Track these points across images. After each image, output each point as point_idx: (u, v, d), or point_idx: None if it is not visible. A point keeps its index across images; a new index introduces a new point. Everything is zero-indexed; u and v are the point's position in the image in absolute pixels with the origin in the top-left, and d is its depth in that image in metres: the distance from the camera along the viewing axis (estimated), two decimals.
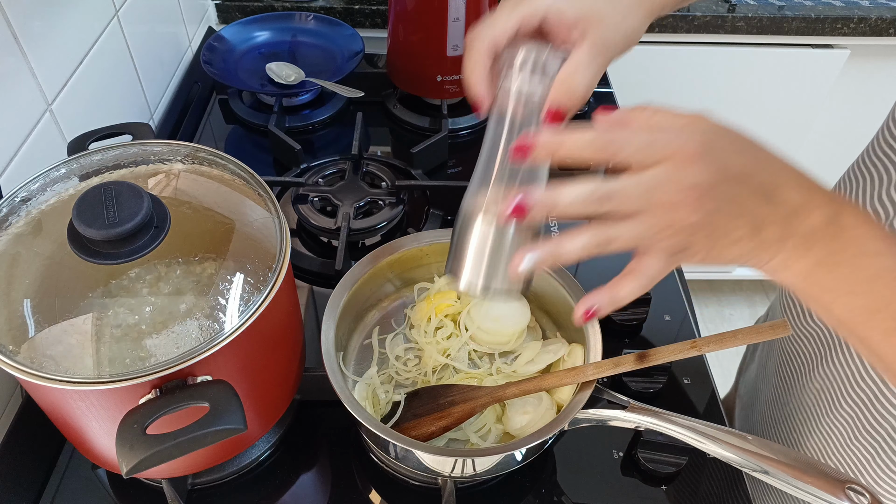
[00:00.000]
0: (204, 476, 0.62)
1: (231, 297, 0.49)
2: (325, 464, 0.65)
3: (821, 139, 1.52)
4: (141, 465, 0.42)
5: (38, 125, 0.70)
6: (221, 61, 1.05)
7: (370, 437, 0.60)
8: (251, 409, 0.52)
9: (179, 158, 0.58)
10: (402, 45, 1.02)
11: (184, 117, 1.02)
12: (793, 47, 1.34)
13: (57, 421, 0.53)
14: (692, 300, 0.83)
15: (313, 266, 0.81)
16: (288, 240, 0.53)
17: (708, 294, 2.00)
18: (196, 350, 0.46)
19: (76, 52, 0.78)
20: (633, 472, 0.64)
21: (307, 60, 1.07)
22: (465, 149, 1.02)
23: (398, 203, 0.85)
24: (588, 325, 0.61)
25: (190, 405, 0.44)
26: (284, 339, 0.58)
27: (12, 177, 0.66)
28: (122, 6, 0.88)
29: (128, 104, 0.92)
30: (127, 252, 0.47)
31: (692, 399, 0.71)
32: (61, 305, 0.47)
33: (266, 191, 0.56)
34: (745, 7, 1.28)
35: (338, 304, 0.62)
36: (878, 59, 1.37)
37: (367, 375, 0.64)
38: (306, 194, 0.85)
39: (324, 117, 1.04)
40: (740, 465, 0.50)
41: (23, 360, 0.46)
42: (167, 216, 0.50)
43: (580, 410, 0.55)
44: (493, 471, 0.59)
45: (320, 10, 1.21)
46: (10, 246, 0.50)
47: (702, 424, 0.53)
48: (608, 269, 0.84)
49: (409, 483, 0.64)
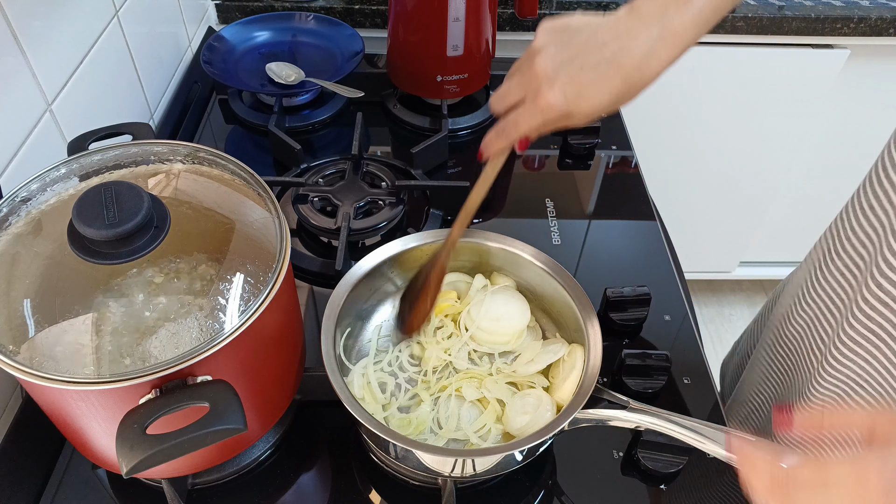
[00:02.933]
0: (204, 476, 0.62)
1: (231, 297, 0.49)
2: (325, 464, 0.65)
3: (821, 139, 1.51)
4: (141, 465, 0.42)
5: (38, 125, 0.70)
6: (221, 61, 1.05)
7: (370, 437, 0.60)
8: (251, 409, 0.52)
9: (179, 158, 0.58)
10: (402, 45, 1.02)
11: (184, 117, 1.02)
12: (793, 47, 1.34)
13: (57, 421, 0.53)
14: (692, 300, 0.83)
15: (313, 266, 0.81)
16: (288, 240, 0.53)
17: (708, 294, 2.00)
18: (196, 350, 0.46)
19: (76, 52, 0.78)
20: (633, 472, 0.64)
21: (307, 60, 1.07)
22: (465, 149, 1.02)
23: (398, 203, 0.85)
24: (588, 325, 0.61)
25: (190, 405, 0.44)
26: (284, 339, 0.58)
27: (12, 177, 0.66)
28: (122, 6, 0.88)
29: (128, 104, 0.92)
30: (127, 252, 0.47)
31: (692, 399, 0.71)
32: (61, 305, 0.47)
33: (266, 191, 0.56)
34: (745, 7, 1.28)
35: (338, 304, 0.62)
36: (878, 59, 1.37)
37: (361, 364, 0.65)
38: (306, 194, 0.85)
39: (324, 117, 1.04)
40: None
41: (23, 360, 0.46)
42: (167, 216, 0.50)
43: (580, 410, 0.55)
44: (493, 471, 0.59)
45: (320, 10, 1.21)
46: (10, 246, 0.50)
47: (702, 424, 0.53)
48: (609, 268, 0.84)
49: (409, 483, 0.64)
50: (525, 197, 0.94)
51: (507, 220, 0.90)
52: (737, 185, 1.59)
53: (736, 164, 1.54)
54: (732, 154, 1.52)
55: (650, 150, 1.43)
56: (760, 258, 1.81)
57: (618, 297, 0.75)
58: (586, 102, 0.51)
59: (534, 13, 1.05)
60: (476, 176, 0.61)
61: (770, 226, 1.70)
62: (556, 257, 0.66)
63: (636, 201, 0.94)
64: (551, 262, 0.66)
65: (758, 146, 1.50)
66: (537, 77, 0.52)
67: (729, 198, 1.62)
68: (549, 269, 0.66)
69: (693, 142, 1.49)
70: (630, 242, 0.88)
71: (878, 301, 0.57)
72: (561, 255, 0.83)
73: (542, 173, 1.00)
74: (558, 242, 0.87)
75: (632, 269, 0.84)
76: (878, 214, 0.58)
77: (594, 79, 0.51)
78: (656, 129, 1.45)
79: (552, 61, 0.52)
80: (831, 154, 1.55)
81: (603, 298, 0.76)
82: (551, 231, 0.88)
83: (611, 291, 0.76)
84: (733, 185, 1.59)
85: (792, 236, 1.74)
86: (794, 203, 1.66)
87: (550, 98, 0.52)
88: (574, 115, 0.52)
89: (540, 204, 0.92)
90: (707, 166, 1.54)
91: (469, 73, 1.02)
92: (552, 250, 0.85)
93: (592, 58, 0.51)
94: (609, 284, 0.77)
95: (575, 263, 0.85)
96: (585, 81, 0.51)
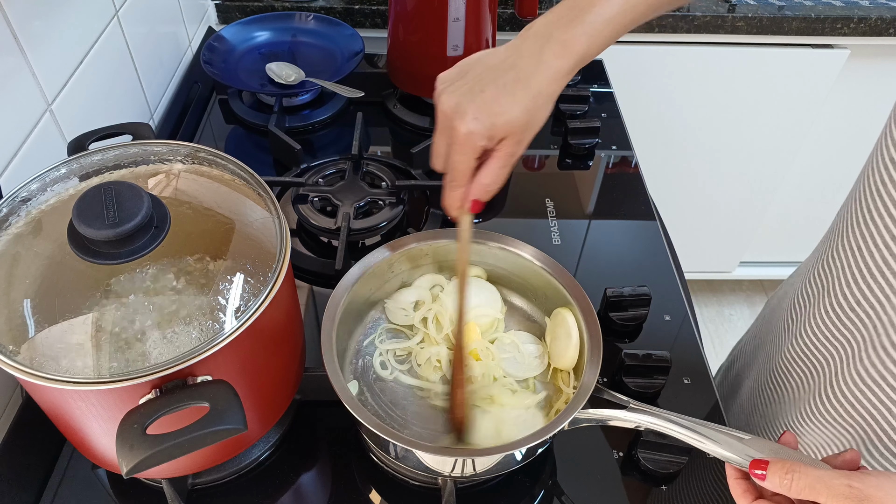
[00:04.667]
0: (204, 476, 0.62)
1: (231, 297, 0.49)
2: (325, 464, 0.65)
3: (821, 139, 1.52)
4: (141, 465, 0.42)
5: (38, 125, 0.70)
6: (221, 61, 1.05)
7: (370, 437, 0.60)
8: (251, 409, 0.52)
9: (179, 158, 0.58)
10: (402, 45, 1.02)
11: (184, 117, 1.02)
12: (793, 47, 1.34)
13: (57, 421, 0.53)
14: (692, 300, 0.83)
15: (313, 266, 0.81)
16: (288, 240, 0.53)
17: (708, 294, 2.00)
18: (196, 350, 0.46)
19: (76, 52, 0.78)
20: (633, 472, 0.64)
21: (307, 60, 1.07)
22: None
23: (398, 203, 0.85)
24: (588, 325, 0.61)
25: (190, 405, 0.44)
26: (284, 339, 0.58)
27: (12, 177, 0.66)
28: (122, 6, 0.88)
29: (128, 104, 0.92)
30: (127, 252, 0.47)
31: (692, 399, 0.71)
32: (61, 305, 0.47)
33: (266, 191, 0.56)
34: (745, 7, 1.28)
35: (338, 304, 0.62)
36: (878, 59, 1.37)
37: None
38: (306, 194, 0.85)
39: (324, 117, 1.04)
40: (740, 465, 0.50)
41: (23, 360, 0.46)
42: (167, 216, 0.50)
43: (580, 410, 0.55)
44: (493, 471, 0.59)
45: (320, 10, 1.21)
46: (10, 246, 0.50)
47: (702, 424, 0.53)
48: (609, 268, 0.84)
49: (409, 483, 0.64)
50: (525, 197, 0.94)
51: (507, 220, 0.90)
52: (737, 185, 1.59)
53: (736, 164, 1.54)
54: (732, 154, 1.52)
55: (650, 150, 1.43)
56: (760, 258, 1.81)
57: (618, 297, 0.75)
58: (500, 118, 0.53)
59: (534, 13, 1.05)
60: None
61: (770, 226, 1.70)
62: (556, 257, 0.66)
63: (636, 201, 0.94)
64: (551, 262, 0.66)
65: (758, 146, 1.50)
66: (448, 116, 0.54)
67: (729, 198, 1.62)
68: (550, 269, 0.66)
69: (693, 142, 1.49)
70: (630, 242, 0.88)
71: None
72: (561, 255, 0.83)
73: (542, 173, 1.00)
74: (558, 242, 0.87)
75: (632, 269, 0.84)
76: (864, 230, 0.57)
77: (497, 96, 0.53)
78: (656, 129, 1.45)
79: (454, 97, 0.54)
80: (831, 154, 1.55)
81: (603, 298, 0.76)
82: (551, 231, 0.88)
83: (611, 291, 0.76)
84: (733, 185, 1.59)
85: (792, 236, 1.74)
86: (794, 203, 1.66)
87: (464, 128, 0.53)
88: (496, 134, 0.54)
89: (540, 204, 0.92)
90: (707, 166, 1.54)
91: None
92: (552, 250, 0.85)
93: (489, 81, 0.54)
94: (609, 284, 0.77)
95: (575, 263, 0.85)
96: (490, 100, 0.53)
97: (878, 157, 0.55)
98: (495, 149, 0.55)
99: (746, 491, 0.49)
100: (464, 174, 0.56)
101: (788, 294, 0.73)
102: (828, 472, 0.44)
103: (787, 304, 0.72)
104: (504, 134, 0.54)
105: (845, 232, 0.60)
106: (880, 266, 0.55)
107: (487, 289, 0.70)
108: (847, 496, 0.43)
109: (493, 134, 0.54)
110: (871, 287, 0.56)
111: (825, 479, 0.44)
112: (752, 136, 1.48)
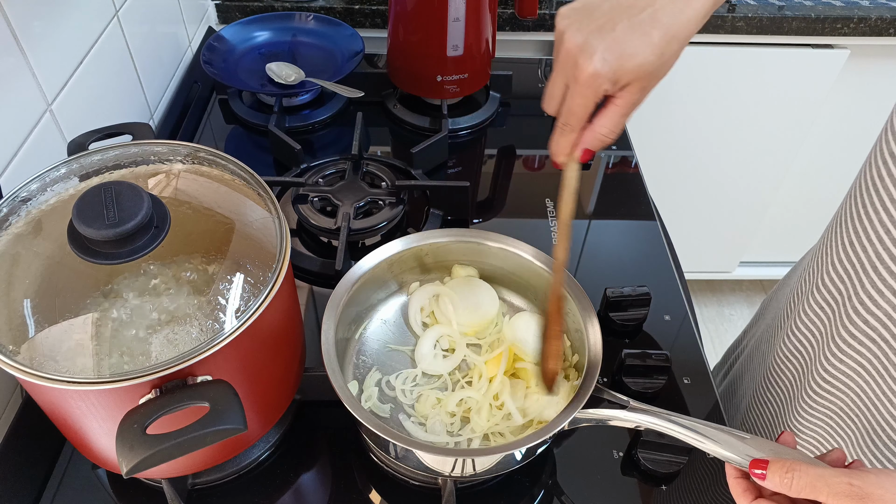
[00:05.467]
0: (204, 476, 0.62)
1: (231, 297, 0.49)
2: (325, 464, 0.65)
3: (821, 139, 1.51)
4: (141, 465, 0.42)
5: (38, 125, 0.70)
6: (221, 61, 1.05)
7: (370, 436, 0.60)
8: (251, 409, 0.52)
9: (179, 158, 0.58)
10: (402, 45, 1.02)
11: (184, 117, 1.02)
12: (793, 47, 1.34)
13: (57, 421, 0.53)
14: (692, 300, 0.83)
15: (313, 266, 0.81)
16: (288, 240, 0.53)
17: (708, 294, 2.00)
18: (196, 350, 0.46)
19: (76, 52, 0.78)
20: (633, 472, 0.64)
21: (307, 60, 1.07)
22: (465, 149, 1.02)
23: (398, 203, 0.85)
24: (588, 325, 0.61)
25: (190, 405, 0.44)
26: (284, 339, 0.58)
27: (12, 177, 0.66)
28: (122, 6, 0.88)
29: (128, 104, 0.92)
30: (127, 252, 0.47)
31: (692, 399, 0.71)
32: (61, 305, 0.47)
33: (266, 191, 0.56)
34: (745, 7, 1.28)
35: (338, 304, 0.62)
36: (878, 59, 1.37)
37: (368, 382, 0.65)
38: (306, 194, 0.85)
39: (324, 117, 1.04)
40: (740, 465, 0.50)
41: (23, 360, 0.46)
42: (167, 216, 0.50)
43: (580, 410, 0.55)
44: (493, 471, 0.59)
45: (320, 10, 1.21)
46: (10, 246, 0.50)
47: (702, 424, 0.53)
48: (609, 268, 0.84)
49: (409, 483, 0.64)
50: (525, 197, 0.94)
51: (507, 220, 0.90)
52: (737, 185, 1.59)
53: (736, 164, 1.54)
54: (732, 154, 1.52)
55: (650, 150, 1.43)
56: (760, 258, 1.81)
57: (618, 297, 0.75)
58: (631, 60, 0.49)
59: (534, 13, 1.06)
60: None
61: (770, 226, 1.70)
62: None
63: (636, 201, 0.94)
64: (552, 262, 0.66)
65: (758, 146, 1.50)
66: (571, 54, 0.50)
67: (729, 198, 1.62)
68: (550, 269, 0.66)
69: (693, 142, 1.49)
70: (630, 242, 0.88)
71: (869, 314, 0.56)
72: None
73: (542, 173, 1.00)
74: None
75: (632, 269, 0.84)
76: (862, 240, 0.57)
77: (630, 37, 0.48)
78: (656, 129, 1.45)
79: (581, 35, 0.49)
80: (831, 154, 1.55)
81: (603, 298, 0.76)
82: (551, 231, 0.88)
83: (611, 291, 0.76)
84: (733, 185, 1.59)
85: (792, 236, 1.74)
86: (793, 203, 1.66)
87: (591, 68, 0.49)
88: (623, 78, 0.50)
89: (540, 204, 0.92)
90: (707, 166, 1.54)
91: (469, 73, 1.02)
92: (552, 250, 0.85)
93: (623, 21, 0.49)
94: (609, 284, 0.77)
95: (575, 263, 0.85)
96: (622, 41, 0.48)
97: (876, 154, 0.55)
98: (616, 95, 0.51)
99: (746, 490, 0.50)
100: (580, 119, 0.52)
101: (784, 292, 0.73)
102: (828, 471, 0.44)
103: (783, 303, 0.72)
104: (630, 79, 0.50)
105: (840, 227, 0.60)
106: (873, 261, 0.55)
107: (484, 288, 0.70)
108: (847, 494, 0.43)
109: (619, 78, 0.50)
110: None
111: (825, 478, 0.44)
112: (752, 136, 1.48)
